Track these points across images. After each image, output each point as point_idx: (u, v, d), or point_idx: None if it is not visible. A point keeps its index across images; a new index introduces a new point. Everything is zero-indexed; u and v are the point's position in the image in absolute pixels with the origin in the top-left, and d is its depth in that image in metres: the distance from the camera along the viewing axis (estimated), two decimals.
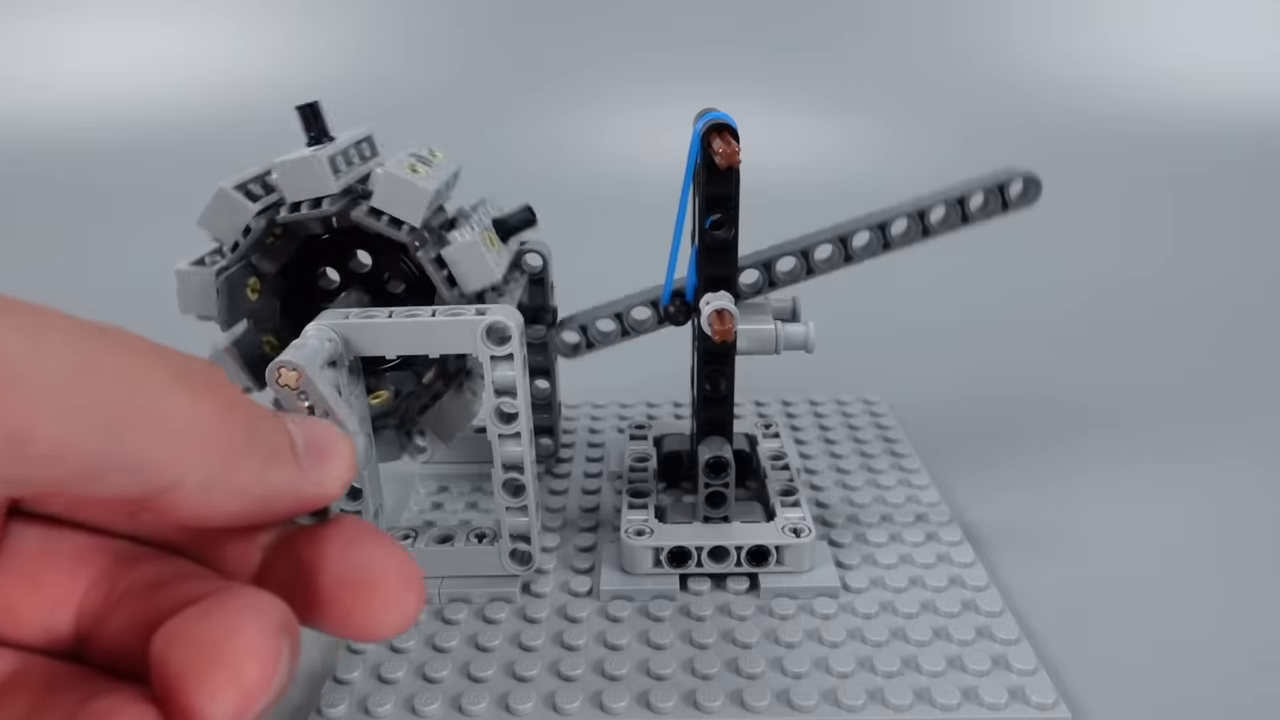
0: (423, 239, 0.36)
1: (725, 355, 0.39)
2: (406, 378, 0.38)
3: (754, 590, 0.38)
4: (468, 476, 0.48)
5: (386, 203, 0.35)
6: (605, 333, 0.43)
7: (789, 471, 0.43)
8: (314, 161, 0.35)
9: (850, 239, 0.40)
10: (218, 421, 0.18)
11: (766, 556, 0.38)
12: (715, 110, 0.37)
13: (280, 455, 0.19)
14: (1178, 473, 0.49)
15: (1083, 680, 0.34)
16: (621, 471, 0.46)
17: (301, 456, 0.20)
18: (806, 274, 0.41)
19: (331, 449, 0.21)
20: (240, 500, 0.19)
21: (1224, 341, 0.68)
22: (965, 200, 0.39)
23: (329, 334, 0.31)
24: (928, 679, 0.33)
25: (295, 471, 0.20)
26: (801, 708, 0.32)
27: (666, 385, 0.59)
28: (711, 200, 0.36)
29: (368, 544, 0.20)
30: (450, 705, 0.32)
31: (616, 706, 0.32)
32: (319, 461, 0.20)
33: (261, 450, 0.19)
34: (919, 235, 0.40)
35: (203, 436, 0.17)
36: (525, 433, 0.35)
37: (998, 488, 0.47)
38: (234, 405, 0.18)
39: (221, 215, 0.36)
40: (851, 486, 0.47)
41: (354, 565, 0.20)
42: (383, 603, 0.19)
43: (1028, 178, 0.39)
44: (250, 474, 0.19)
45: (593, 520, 0.44)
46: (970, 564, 0.40)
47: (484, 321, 0.32)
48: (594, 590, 0.38)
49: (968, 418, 0.56)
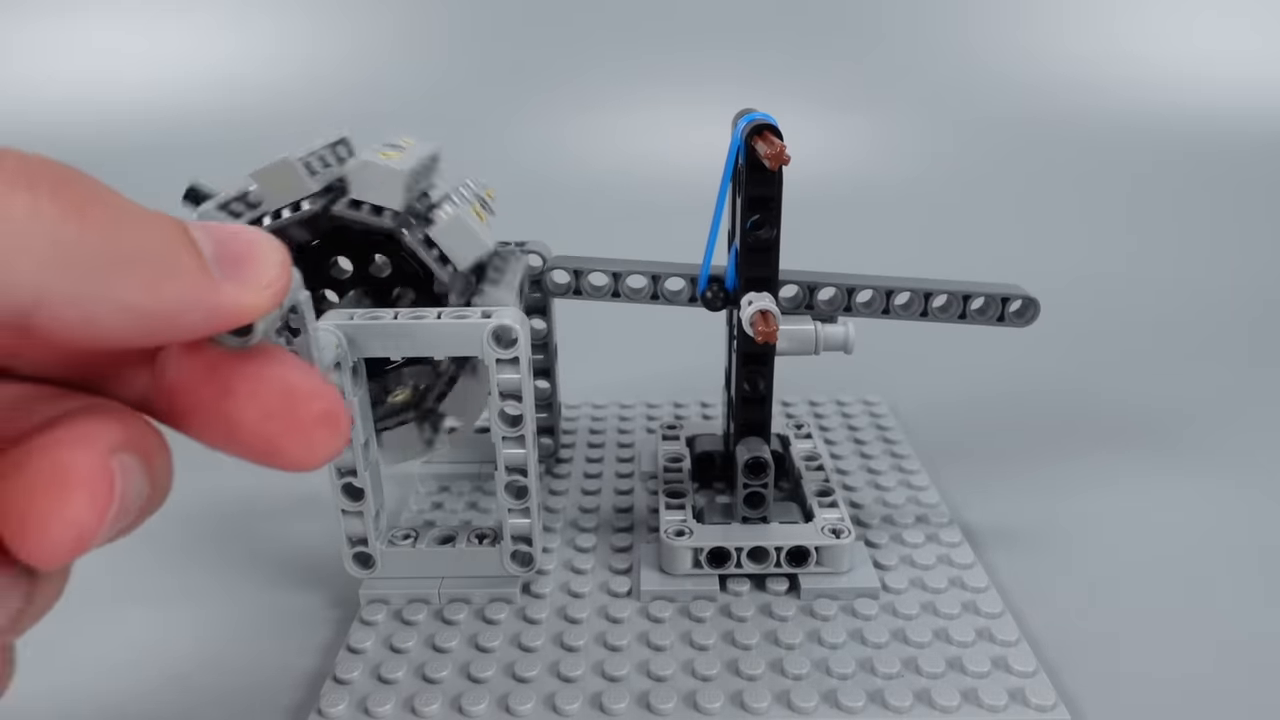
0: (407, 223, 0.35)
1: (765, 356, 0.39)
2: (423, 372, 0.38)
3: (793, 591, 0.38)
4: (468, 476, 0.48)
5: (364, 190, 0.35)
6: (598, 286, 0.42)
7: (824, 472, 0.44)
8: (287, 165, 0.34)
9: (889, 295, 0.41)
10: (71, 226, 0.15)
11: (806, 557, 0.38)
12: (755, 110, 0.37)
13: (178, 263, 0.17)
14: (1178, 473, 0.49)
15: (1082, 682, 0.34)
16: (656, 472, 0.46)
17: (211, 265, 0.18)
18: (846, 309, 0.40)
19: (251, 254, 0.18)
20: (129, 315, 0.16)
21: (1225, 342, 0.68)
22: (969, 298, 0.40)
23: (336, 334, 0.31)
24: (927, 680, 0.33)
25: (200, 281, 0.17)
26: (801, 709, 0.32)
27: (666, 385, 0.60)
28: (754, 201, 0.36)
29: (287, 368, 0.19)
30: (450, 705, 0.32)
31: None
32: (235, 269, 0.18)
33: (146, 257, 0.16)
34: (918, 314, 0.41)
35: (53, 245, 0.15)
36: (529, 435, 0.35)
37: (998, 489, 0.47)
38: (92, 206, 0.16)
39: (279, 181, 0.35)
40: (851, 488, 0.47)
41: (270, 392, 0.18)
42: (303, 434, 0.18)
43: (1027, 299, 0.40)
44: (135, 286, 0.16)
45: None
46: (970, 565, 0.40)
47: (490, 324, 0.32)
48: (634, 591, 0.38)
49: (968, 419, 0.56)
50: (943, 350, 0.65)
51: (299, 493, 0.46)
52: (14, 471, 0.17)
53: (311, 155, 0.36)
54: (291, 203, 0.35)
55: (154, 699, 0.34)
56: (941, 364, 0.63)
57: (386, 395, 0.38)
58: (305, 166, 0.35)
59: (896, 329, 0.43)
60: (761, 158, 0.34)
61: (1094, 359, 0.65)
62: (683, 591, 0.38)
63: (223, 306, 0.17)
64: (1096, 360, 0.65)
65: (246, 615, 0.39)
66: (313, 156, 0.36)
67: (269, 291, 0.18)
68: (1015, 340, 0.67)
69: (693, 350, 0.63)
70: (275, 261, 0.18)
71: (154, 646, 0.36)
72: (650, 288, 0.41)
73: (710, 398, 0.57)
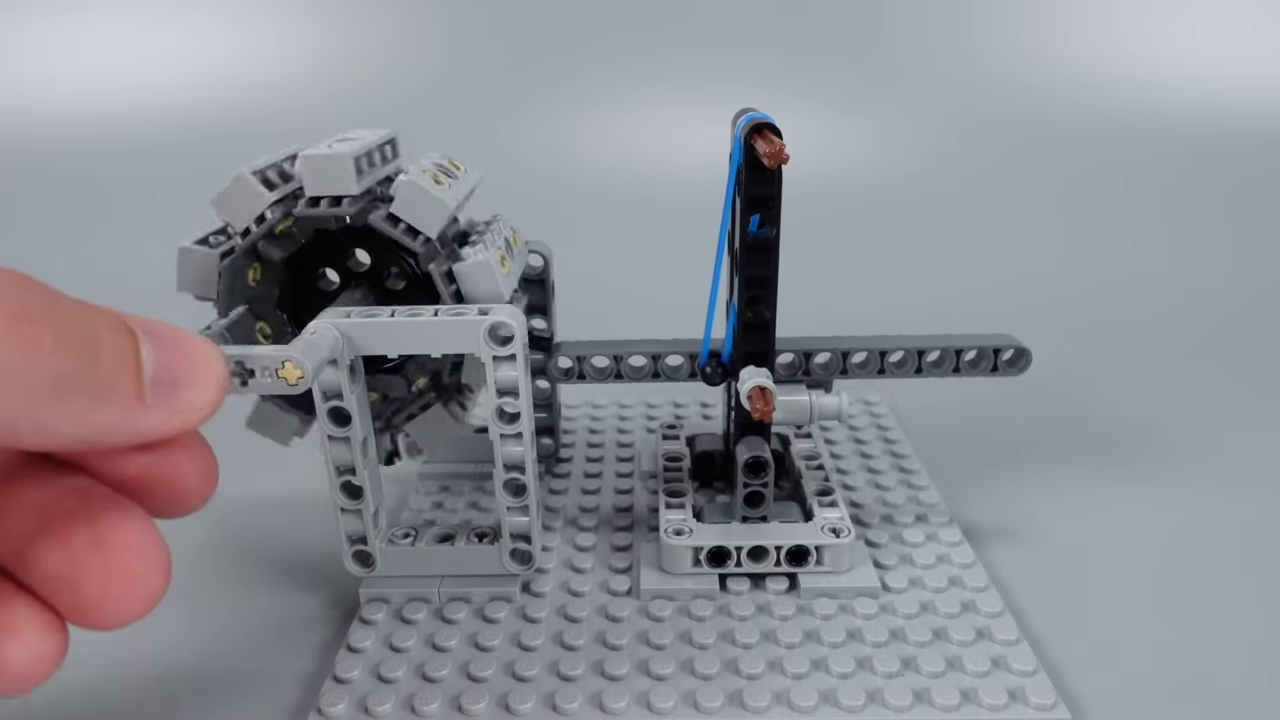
0: (435, 251, 0.36)
1: (762, 425, 0.40)
2: (396, 383, 0.38)
3: (793, 590, 0.38)
4: (468, 476, 0.48)
5: (406, 211, 0.35)
6: (600, 368, 0.43)
7: (823, 472, 0.44)
8: (341, 160, 0.35)
9: (882, 356, 0.42)
10: (19, 363, 0.16)
11: (806, 556, 0.38)
12: (754, 110, 0.37)
13: (113, 389, 0.18)
14: (1178, 473, 0.49)
15: (1082, 681, 0.34)
16: (656, 471, 0.46)
17: (147, 389, 0.18)
18: (842, 372, 0.42)
19: (191, 378, 0.19)
20: (58, 439, 0.17)
21: (1225, 343, 0.68)
22: (961, 353, 0.42)
23: (333, 331, 0.31)
24: (927, 679, 0.33)
25: (131, 408, 0.18)
26: (801, 708, 0.32)
27: (666, 385, 0.59)
28: (754, 200, 0.36)
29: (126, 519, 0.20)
30: (450, 704, 0.32)
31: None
32: (171, 392, 0.19)
33: (86, 388, 0.17)
34: (913, 371, 0.42)
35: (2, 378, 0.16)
36: (527, 433, 0.35)
37: (998, 488, 0.47)
38: (48, 338, 0.16)
39: (237, 200, 0.36)
40: (851, 487, 0.47)
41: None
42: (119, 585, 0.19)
43: (1018, 349, 0.42)
44: (66, 416, 0.17)
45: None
46: (970, 564, 0.40)
47: (486, 322, 0.32)
48: (633, 590, 0.39)
49: (968, 418, 0.56)
50: None
51: (299, 493, 0.46)
52: (75, 543, 0.19)
53: (267, 167, 0.36)
54: (255, 218, 0.35)
55: (154, 699, 0.34)
56: None
57: (410, 386, 0.38)
58: (355, 164, 0.35)
59: (896, 329, 0.44)
60: (760, 156, 0.34)
61: (1095, 359, 0.65)
62: (682, 590, 0.38)
63: (146, 433, 0.19)
64: (1097, 360, 0.65)
65: (246, 615, 0.39)
66: (363, 155, 0.36)
67: (197, 416, 0.19)
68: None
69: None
70: (213, 386, 0.19)
71: (154, 646, 0.36)
72: (651, 366, 0.42)
73: (710, 397, 0.57)
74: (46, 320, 0.16)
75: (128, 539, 0.19)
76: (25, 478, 0.20)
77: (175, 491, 0.21)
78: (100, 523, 0.19)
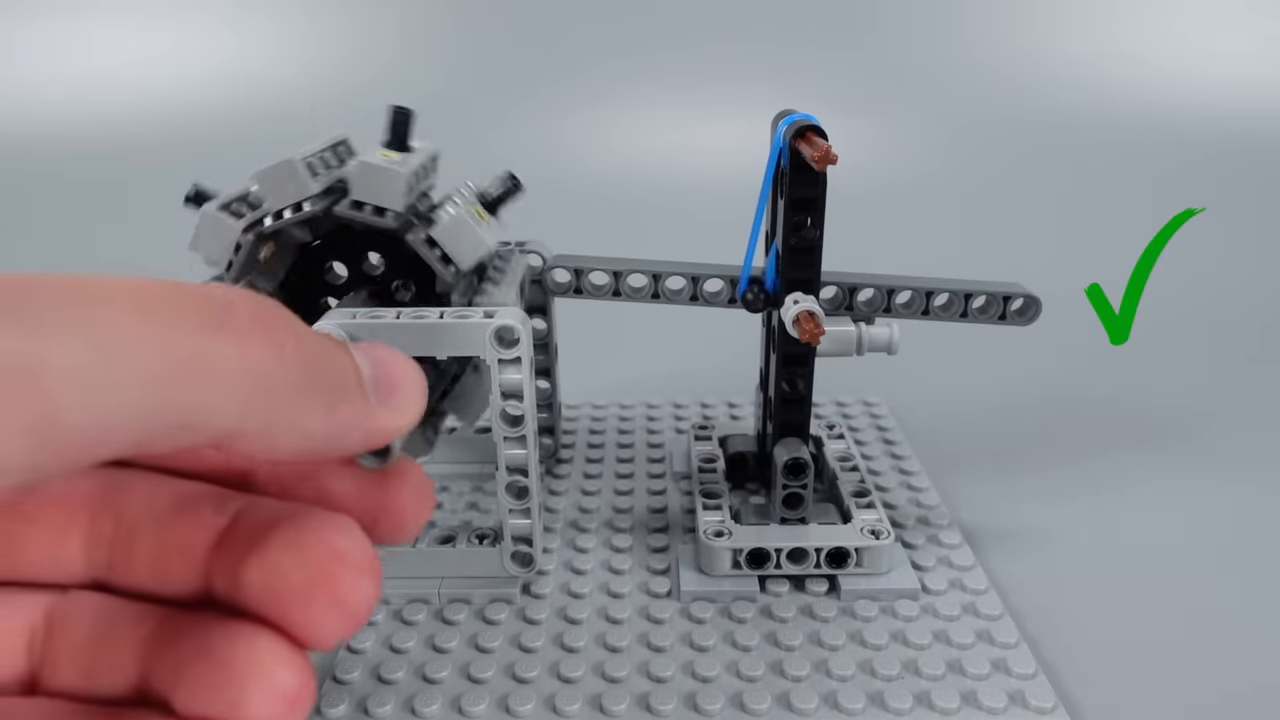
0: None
1: (806, 357, 0.39)
2: (426, 372, 0.38)
3: (833, 592, 0.38)
4: (468, 476, 0.48)
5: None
6: (599, 285, 0.42)
7: (859, 474, 0.43)
8: (394, 177, 0.35)
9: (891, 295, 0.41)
10: (272, 364, 0.16)
11: (846, 558, 0.38)
12: (796, 111, 0.37)
13: (347, 389, 0.18)
14: (1179, 474, 0.49)
15: (1082, 684, 0.34)
16: (690, 472, 0.46)
17: (369, 390, 0.19)
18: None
19: (401, 382, 0.20)
20: (306, 439, 0.18)
21: (1225, 343, 0.68)
22: (970, 296, 0.41)
23: (339, 333, 0.31)
24: (927, 682, 0.33)
25: (363, 406, 0.19)
26: (801, 710, 0.32)
27: (665, 385, 0.60)
28: (798, 203, 0.36)
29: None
30: (450, 706, 0.32)
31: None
32: (388, 395, 0.19)
33: (326, 386, 0.18)
34: (919, 313, 0.41)
35: (257, 383, 0.16)
36: (530, 435, 0.35)
37: (998, 490, 0.47)
38: (289, 342, 0.17)
39: (281, 183, 0.35)
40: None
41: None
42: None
43: (1029, 297, 0.41)
44: (316, 414, 0.17)
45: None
46: (970, 567, 0.40)
47: (492, 324, 0.32)
48: (673, 591, 0.39)
49: (967, 420, 0.56)
50: (943, 351, 0.64)
51: None
52: (287, 559, 0.18)
53: (313, 156, 0.36)
54: (293, 204, 0.35)
55: None
56: (941, 364, 0.63)
57: None
58: (307, 167, 0.35)
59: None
60: (808, 160, 0.34)
61: (1095, 359, 0.65)
62: (723, 592, 0.38)
63: (377, 430, 0.19)
64: (1097, 360, 0.65)
65: None
66: (314, 157, 0.36)
67: (411, 417, 0.20)
68: (1016, 341, 0.67)
69: (694, 350, 0.63)
70: (419, 391, 0.20)
71: None
72: (651, 286, 0.41)
73: (711, 397, 0.57)
74: (284, 325, 0.17)
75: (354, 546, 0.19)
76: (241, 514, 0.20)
77: (391, 514, 0.21)
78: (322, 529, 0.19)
